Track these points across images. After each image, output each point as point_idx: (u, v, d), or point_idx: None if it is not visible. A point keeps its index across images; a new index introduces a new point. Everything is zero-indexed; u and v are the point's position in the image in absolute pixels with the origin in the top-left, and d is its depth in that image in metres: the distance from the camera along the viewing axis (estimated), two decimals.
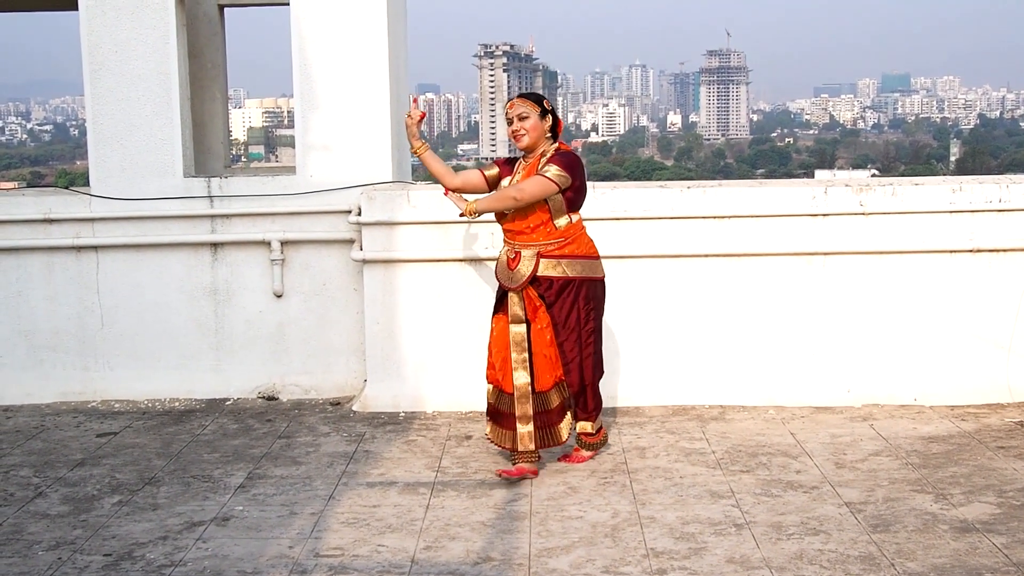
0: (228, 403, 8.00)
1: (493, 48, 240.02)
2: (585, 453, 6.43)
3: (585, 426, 6.40)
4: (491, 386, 6.36)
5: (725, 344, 7.65)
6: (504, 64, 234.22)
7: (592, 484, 6.03)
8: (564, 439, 6.30)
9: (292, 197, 8.00)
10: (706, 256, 7.60)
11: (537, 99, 6.22)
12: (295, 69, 7.96)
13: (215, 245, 8.10)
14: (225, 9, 9.24)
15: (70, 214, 8.09)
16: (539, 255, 6.12)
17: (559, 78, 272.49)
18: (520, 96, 6.23)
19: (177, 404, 8.00)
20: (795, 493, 5.84)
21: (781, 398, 7.56)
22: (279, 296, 8.09)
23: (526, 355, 6.18)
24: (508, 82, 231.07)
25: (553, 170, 6.02)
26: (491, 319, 6.41)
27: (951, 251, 7.54)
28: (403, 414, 7.58)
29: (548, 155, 6.12)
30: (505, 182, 6.22)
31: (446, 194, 6.24)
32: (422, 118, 6.28)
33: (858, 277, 7.56)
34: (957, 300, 7.57)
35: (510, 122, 6.14)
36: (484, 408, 6.53)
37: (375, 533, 5.40)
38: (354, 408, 7.72)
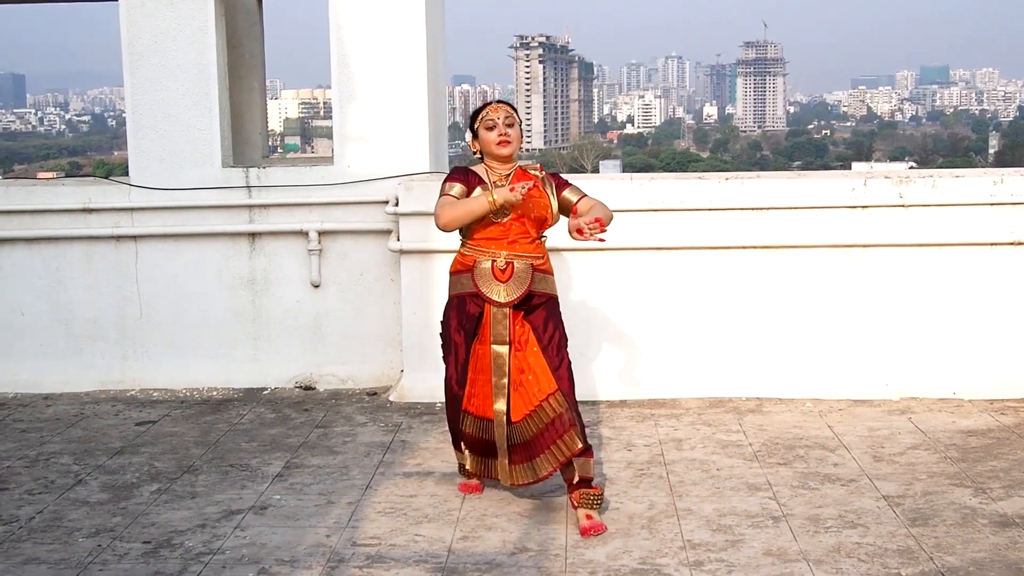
0: (266, 392, 8.03)
1: (529, 39, 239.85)
2: (600, 519, 5.34)
3: (587, 467, 5.40)
4: (472, 416, 5.61)
5: (762, 336, 7.62)
6: (540, 55, 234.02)
7: (628, 476, 6.02)
8: (578, 447, 5.32)
9: (330, 187, 8.02)
10: (744, 248, 7.57)
11: (515, 109, 5.74)
12: (333, 60, 7.97)
13: (253, 235, 8.13)
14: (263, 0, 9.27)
15: (109, 204, 8.14)
16: (533, 268, 5.54)
17: (595, 69, 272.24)
18: (501, 102, 5.72)
19: (215, 393, 8.04)
20: (833, 486, 5.82)
21: (818, 391, 7.53)
22: (316, 286, 8.12)
23: (506, 380, 5.49)
24: (544, 73, 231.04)
25: (580, 190, 5.63)
26: (452, 343, 5.63)
27: (992, 244, 7.48)
28: (439, 404, 7.57)
29: (543, 175, 5.64)
30: (478, 192, 5.48)
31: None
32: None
33: (897, 269, 7.52)
34: (997, 293, 7.51)
35: (492, 126, 5.55)
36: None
37: (412, 523, 5.41)
38: (391, 398, 7.73)
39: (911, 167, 65.06)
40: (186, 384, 8.15)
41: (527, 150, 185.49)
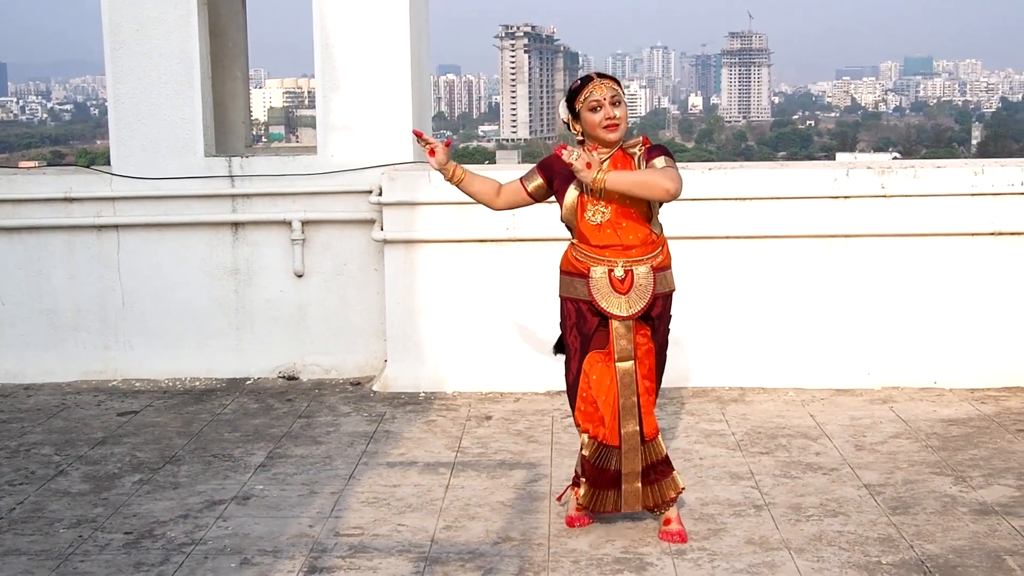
0: (249, 382, 8.02)
1: (514, 29, 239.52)
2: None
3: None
4: (592, 440, 5.06)
5: (745, 326, 7.64)
6: (525, 45, 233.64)
7: None
8: (681, 487, 5.17)
9: (313, 177, 8.00)
10: (727, 238, 7.58)
11: (619, 83, 5.04)
12: (316, 49, 7.95)
13: (236, 225, 8.11)
14: None
15: (91, 193, 8.11)
16: (654, 270, 4.98)
17: (580, 59, 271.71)
18: (604, 76, 4.99)
19: (198, 383, 8.03)
20: (814, 475, 5.83)
21: (801, 380, 7.55)
22: (300, 276, 8.10)
23: (635, 398, 5.01)
24: (529, 63, 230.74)
25: (669, 161, 4.93)
26: (571, 349, 5.14)
27: (972, 234, 7.51)
28: (423, 394, 7.59)
29: (641, 149, 4.98)
30: (572, 193, 4.96)
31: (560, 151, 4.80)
32: (447, 145, 5.11)
33: (879, 259, 7.54)
34: (978, 283, 7.54)
35: (596, 108, 4.89)
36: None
37: (395, 513, 5.41)
38: (374, 388, 7.73)
39: (895, 158, 65.17)
40: (169, 374, 8.13)
41: (511, 140, 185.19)
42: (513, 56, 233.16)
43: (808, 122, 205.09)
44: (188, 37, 7.93)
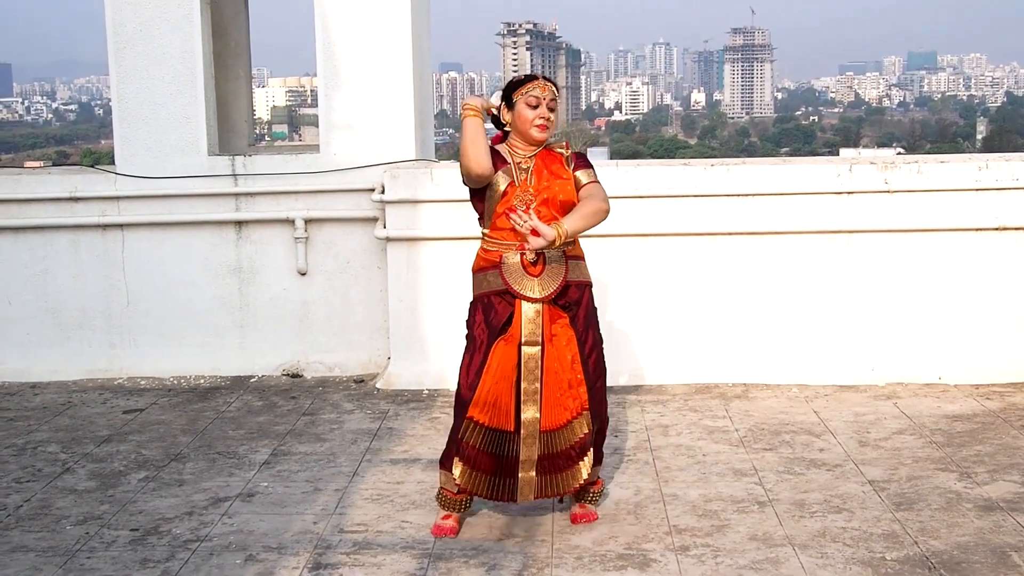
0: (253, 380, 8.04)
1: (516, 27, 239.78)
2: (593, 509, 5.29)
3: (597, 471, 5.31)
4: (475, 423, 5.03)
5: (748, 322, 7.64)
6: (527, 42, 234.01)
7: (615, 462, 6.03)
8: (584, 479, 5.11)
9: (316, 175, 8.02)
10: (730, 234, 7.58)
11: (559, 90, 5.19)
12: (318, 48, 7.96)
13: (239, 223, 8.13)
14: None
15: (96, 192, 8.13)
16: (566, 256, 5.10)
17: (582, 56, 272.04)
18: (548, 79, 5.11)
19: (202, 381, 8.04)
20: (818, 471, 5.84)
21: (805, 376, 7.55)
22: (303, 274, 8.12)
23: (538, 385, 4.97)
24: (531, 60, 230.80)
25: (592, 174, 5.13)
26: (476, 341, 5.17)
27: (977, 229, 7.50)
28: (427, 391, 7.60)
29: (568, 154, 5.13)
30: (502, 176, 5.02)
31: (514, 212, 4.94)
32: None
33: (882, 255, 7.54)
34: (982, 278, 7.53)
35: (535, 104, 5.02)
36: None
37: (399, 509, 5.42)
38: (378, 385, 7.74)
39: (899, 153, 65.13)
40: (173, 372, 8.15)
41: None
42: (515, 53, 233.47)
43: (811, 118, 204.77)
44: (191, 36, 7.95)
